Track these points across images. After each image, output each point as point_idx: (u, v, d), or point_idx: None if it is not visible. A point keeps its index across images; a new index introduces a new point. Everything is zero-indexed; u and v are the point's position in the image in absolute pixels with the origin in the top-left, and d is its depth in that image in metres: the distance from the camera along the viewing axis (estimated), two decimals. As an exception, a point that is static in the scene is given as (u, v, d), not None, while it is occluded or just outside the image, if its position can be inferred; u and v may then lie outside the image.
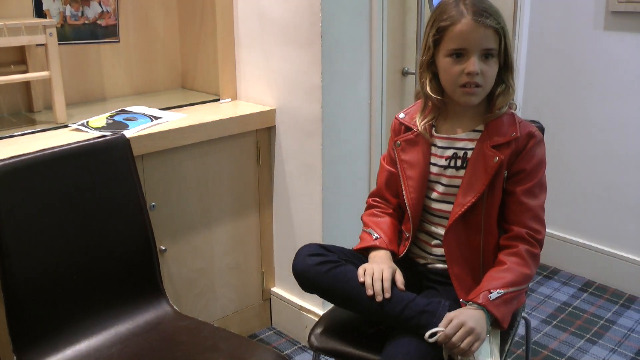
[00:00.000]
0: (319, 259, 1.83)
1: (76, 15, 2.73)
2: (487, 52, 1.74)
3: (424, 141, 1.91)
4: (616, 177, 3.29)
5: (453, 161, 1.86)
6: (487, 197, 1.80)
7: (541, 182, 1.84)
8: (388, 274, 1.79)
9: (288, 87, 2.65)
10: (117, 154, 2.10)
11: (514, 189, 1.81)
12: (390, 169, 2.01)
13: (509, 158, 1.79)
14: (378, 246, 1.93)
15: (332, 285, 1.81)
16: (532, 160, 1.81)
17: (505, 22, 1.75)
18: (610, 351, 2.84)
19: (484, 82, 1.76)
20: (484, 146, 1.80)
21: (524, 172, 1.80)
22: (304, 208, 2.74)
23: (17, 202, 1.86)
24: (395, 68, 3.10)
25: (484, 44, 1.73)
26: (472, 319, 1.66)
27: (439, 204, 1.90)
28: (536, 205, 1.82)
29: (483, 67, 1.75)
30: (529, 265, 1.79)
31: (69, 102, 2.56)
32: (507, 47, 1.75)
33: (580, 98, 3.35)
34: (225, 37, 2.82)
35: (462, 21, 1.73)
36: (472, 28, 1.73)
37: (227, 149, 2.68)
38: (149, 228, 2.13)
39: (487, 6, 1.74)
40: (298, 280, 1.87)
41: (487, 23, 1.72)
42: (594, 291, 3.39)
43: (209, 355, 1.86)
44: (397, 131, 1.98)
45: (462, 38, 1.74)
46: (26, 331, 1.84)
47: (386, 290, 1.75)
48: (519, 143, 1.80)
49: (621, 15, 3.10)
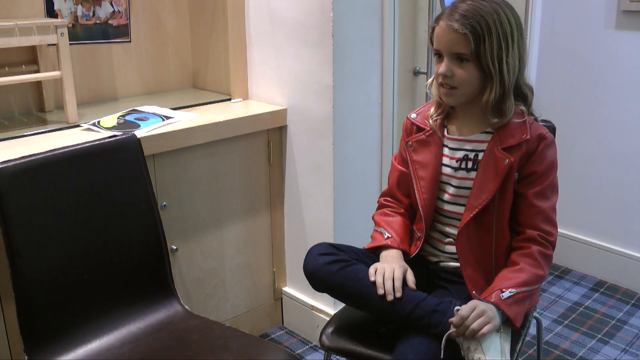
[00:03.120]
0: (329, 258, 1.83)
1: (87, 15, 2.73)
2: (459, 56, 1.75)
3: (435, 142, 1.91)
4: (628, 176, 3.28)
5: (464, 163, 1.86)
6: (498, 199, 1.80)
7: (552, 184, 1.83)
8: (399, 273, 1.79)
9: (299, 86, 2.65)
10: (128, 153, 2.10)
11: (525, 192, 1.80)
12: (402, 169, 2.01)
13: (520, 160, 1.78)
14: (389, 245, 1.93)
15: (343, 285, 1.81)
16: (543, 162, 1.80)
17: (492, 27, 1.70)
18: (622, 351, 2.83)
19: (458, 84, 1.77)
20: (495, 148, 1.80)
21: (535, 175, 1.80)
22: (315, 207, 2.74)
23: (28, 202, 1.86)
24: (407, 67, 3.09)
25: (452, 48, 1.75)
26: (485, 306, 1.67)
27: (450, 205, 1.90)
28: (548, 207, 1.82)
29: (456, 70, 1.76)
30: (542, 266, 1.79)
31: (80, 101, 2.57)
32: (479, 54, 1.72)
33: (592, 97, 3.33)
34: (236, 37, 2.82)
35: (440, 24, 1.77)
36: (443, 31, 1.75)
37: (239, 149, 2.68)
38: (160, 228, 2.13)
39: (468, 10, 1.72)
40: (309, 279, 1.87)
41: (454, 27, 1.72)
42: (606, 291, 3.37)
43: (220, 355, 1.86)
44: (409, 131, 1.99)
45: (437, 40, 1.79)
46: (37, 331, 1.84)
47: (397, 290, 1.75)
48: (530, 145, 1.79)
49: (632, 14, 3.09)
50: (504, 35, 1.72)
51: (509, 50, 1.73)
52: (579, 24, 3.30)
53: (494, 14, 1.72)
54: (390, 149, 2.74)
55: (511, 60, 1.74)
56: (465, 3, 1.74)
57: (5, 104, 2.59)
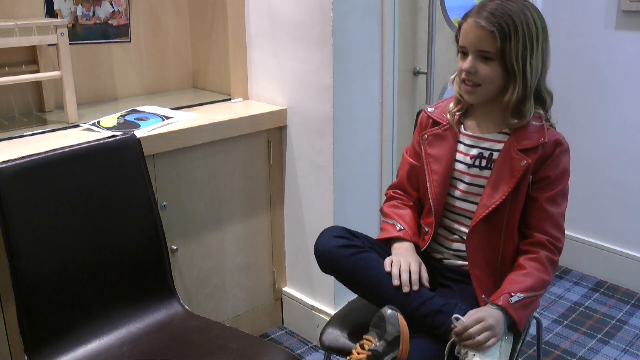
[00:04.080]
0: (343, 241, 1.85)
1: (87, 15, 2.73)
2: (484, 54, 1.75)
3: (451, 136, 1.92)
4: (628, 176, 3.28)
5: (478, 160, 1.87)
6: (511, 200, 1.80)
7: (564, 191, 1.84)
8: (415, 267, 1.81)
9: (299, 86, 2.65)
10: (128, 153, 2.10)
11: (538, 195, 1.81)
12: (413, 162, 2.02)
13: (535, 163, 1.79)
14: (402, 237, 1.94)
15: (352, 270, 1.82)
16: (558, 168, 1.81)
17: (519, 28, 1.71)
18: (622, 351, 2.83)
19: (481, 81, 1.77)
20: (511, 149, 1.80)
21: (548, 179, 1.80)
22: (315, 207, 2.74)
23: (28, 202, 1.86)
24: (407, 67, 3.09)
25: (478, 45, 1.75)
26: (492, 317, 1.68)
27: (461, 202, 1.91)
28: (558, 213, 1.83)
29: (480, 67, 1.76)
30: (548, 272, 1.80)
31: (80, 101, 2.57)
32: (504, 53, 1.72)
33: (592, 97, 3.33)
34: (236, 37, 2.82)
35: (468, 20, 1.78)
36: (470, 28, 1.76)
37: (239, 149, 2.68)
38: (160, 228, 2.13)
39: (496, 8, 1.73)
40: (318, 259, 1.88)
41: (482, 24, 1.72)
42: (606, 291, 3.37)
43: (220, 355, 1.86)
44: (424, 125, 2.00)
45: (463, 37, 1.79)
46: (37, 331, 1.84)
47: (414, 283, 1.78)
48: (546, 149, 1.79)
49: (632, 14, 3.09)
50: (530, 36, 1.73)
51: (533, 51, 1.73)
52: (579, 24, 3.30)
53: (521, 15, 1.72)
54: (391, 149, 2.74)
55: (535, 62, 1.75)
56: (493, 2, 1.75)
57: (5, 104, 2.59)
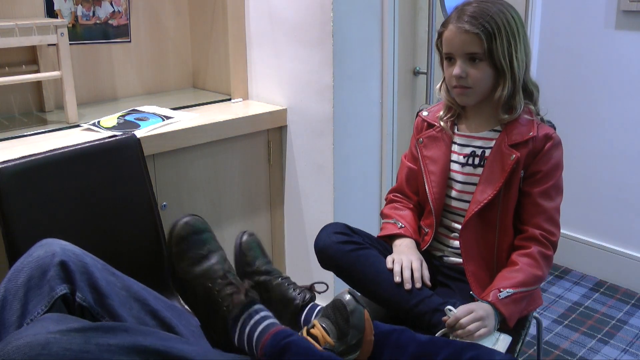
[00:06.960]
0: (343, 237, 1.88)
1: (87, 15, 2.73)
2: (472, 56, 1.78)
3: (445, 138, 1.94)
4: (628, 176, 3.28)
5: (471, 159, 1.89)
6: (503, 195, 1.82)
7: (557, 185, 1.86)
8: (417, 264, 1.84)
9: (299, 86, 2.65)
10: (128, 153, 2.10)
11: (530, 190, 1.83)
12: (411, 166, 2.05)
13: (526, 158, 1.81)
14: (403, 234, 1.96)
15: (352, 266, 1.85)
16: (549, 162, 1.83)
17: (501, 26, 1.75)
18: (622, 351, 2.83)
19: (472, 84, 1.80)
20: (502, 144, 1.83)
21: (540, 174, 1.82)
22: (315, 208, 2.74)
23: (28, 202, 1.86)
24: (407, 68, 3.09)
25: (465, 49, 1.78)
26: (482, 310, 1.70)
27: (457, 201, 1.93)
28: (551, 208, 1.84)
29: (470, 70, 1.79)
30: (541, 267, 1.81)
31: (80, 101, 2.56)
32: (492, 52, 1.76)
33: (592, 97, 3.33)
34: (236, 37, 2.82)
35: (449, 27, 1.81)
36: (454, 34, 1.79)
37: (238, 149, 2.68)
38: (160, 228, 2.14)
39: (475, 11, 1.77)
40: (318, 254, 1.91)
41: (466, 28, 1.75)
42: (606, 291, 3.37)
43: (220, 355, 1.85)
44: (420, 129, 2.03)
45: (447, 44, 1.82)
46: (38, 330, 1.84)
47: (417, 280, 1.80)
48: (536, 144, 1.81)
49: (632, 14, 3.09)
50: (512, 32, 1.77)
51: (517, 46, 1.77)
52: (579, 24, 3.30)
53: (500, 13, 1.76)
54: (390, 149, 2.74)
55: (520, 55, 1.79)
56: (471, 6, 1.79)
57: (5, 104, 2.59)
